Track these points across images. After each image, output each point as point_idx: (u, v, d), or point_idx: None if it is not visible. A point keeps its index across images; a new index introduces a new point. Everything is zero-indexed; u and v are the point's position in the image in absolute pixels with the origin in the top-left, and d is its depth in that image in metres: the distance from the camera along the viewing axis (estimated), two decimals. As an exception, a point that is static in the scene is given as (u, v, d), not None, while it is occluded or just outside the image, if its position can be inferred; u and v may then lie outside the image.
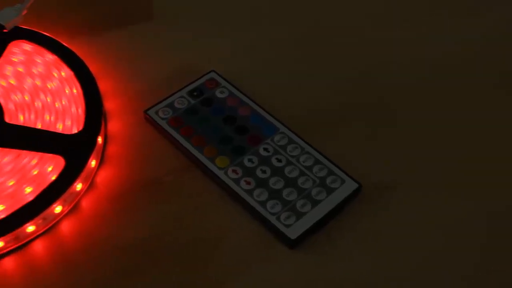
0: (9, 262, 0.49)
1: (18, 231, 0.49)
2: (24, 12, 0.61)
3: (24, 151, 0.53)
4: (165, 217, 0.52)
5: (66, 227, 0.51)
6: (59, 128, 0.55)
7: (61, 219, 0.51)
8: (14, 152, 0.53)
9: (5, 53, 0.59)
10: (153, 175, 0.54)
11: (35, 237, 0.50)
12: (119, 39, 0.64)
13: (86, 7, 0.67)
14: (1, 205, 0.50)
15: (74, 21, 0.65)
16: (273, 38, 0.65)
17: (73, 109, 0.56)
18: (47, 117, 0.55)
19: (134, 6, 0.67)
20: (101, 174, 0.54)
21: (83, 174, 0.52)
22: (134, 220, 0.51)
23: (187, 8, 0.67)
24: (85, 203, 0.52)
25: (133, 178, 0.54)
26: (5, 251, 0.49)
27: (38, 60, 0.60)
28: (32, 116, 0.55)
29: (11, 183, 0.51)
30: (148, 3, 0.67)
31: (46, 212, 0.50)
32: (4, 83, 0.58)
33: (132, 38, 0.64)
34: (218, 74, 0.60)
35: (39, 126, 0.55)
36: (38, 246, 0.50)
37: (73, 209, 0.52)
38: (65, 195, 0.50)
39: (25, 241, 0.50)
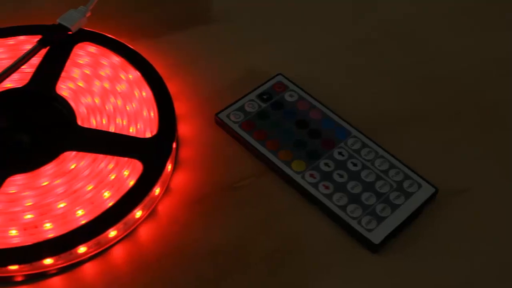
0: (90, 268, 0.49)
1: (101, 236, 0.48)
2: (88, 14, 0.60)
3: (100, 155, 0.52)
4: (244, 222, 0.51)
5: (144, 232, 0.51)
6: (132, 131, 0.54)
7: (139, 224, 0.51)
8: (90, 156, 0.52)
9: (71, 55, 0.59)
10: (229, 179, 0.54)
11: (115, 242, 0.50)
12: (181, 41, 0.63)
13: (146, 9, 0.66)
14: (81, 210, 0.50)
15: (135, 23, 0.65)
16: (338, 40, 0.64)
17: (145, 112, 0.55)
18: (118, 120, 0.55)
19: (195, 8, 0.67)
20: (176, 178, 0.53)
21: (161, 178, 0.51)
22: (213, 225, 0.51)
23: (248, 10, 0.67)
24: (162, 208, 0.52)
25: (208, 182, 0.53)
26: (86, 256, 0.49)
27: (104, 62, 0.59)
28: (105, 120, 0.55)
29: (89, 188, 0.51)
30: (208, 5, 0.67)
31: (128, 218, 0.49)
32: (72, 85, 0.57)
33: (194, 40, 0.63)
34: (285, 77, 0.59)
35: (112, 130, 0.54)
36: (118, 251, 0.50)
37: (150, 214, 0.51)
38: (145, 200, 0.50)
39: (106, 246, 0.49)
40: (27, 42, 0.60)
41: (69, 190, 0.50)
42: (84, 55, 0.59)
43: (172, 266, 0.49)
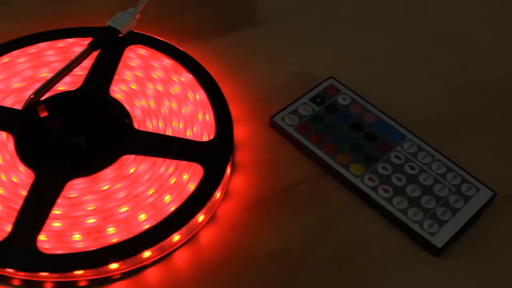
0: (153, 272, 0.48)
1: (166, 241, 0.48)
2: (137, 16, 0.60)
3: (159, 159, 0.52)
4: (304, 226, 0.51)
5: (206, 236, 0.50)
6: (189, 135, 0.54)
7: (201, 228, 0.51)
8: (149, 160, 0.52)
9: (122, 58, 0.58)
10: (286, 183, 0.53)
11: (178, 246, 0.49)
12: (228, 43, 0.63)
13: (192, 11, 0.66)
14: (144, 214, 0.49)
15: (181, 25, 0.64)
16: (388, 42, 0.64)
17: (200, 116, 0.55)
18: (174, 123, 0.55)
19: (241, 10, 0.67)
20: (233, 182, 0.53)
21: (222, 182, 0.51)
22: (273, 229, 0.51)
23: (294, 12, 0.67)
24: (221, 212, 0.52)
25: (266, 185, 0.53)
26: (150, 261, 0.48)
27: (155, 65, 0.59)
28: (161, 123, 0.54)
29: (150, 192, 0.50)
30: (254, 7, 0.67)
31: (191, 222, 0.49)
32: (125, 88, 0.57)
33: (241, 42, 0.63)
34: (336, 80, 0.59)
35: (169, 133, 0.54)
36: (181, 256, 0.49)
37: (211, 218, 0.51)
38: (208, 205, 0.50)
39: (169, 251, 0.49)
40: (76, 45, 0.59)
41: (130, 195, 0.50)
42: (134, 57, 0.59)
43: (234, 270, 0.49)
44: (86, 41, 0.59)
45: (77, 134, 0.54)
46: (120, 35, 0.59)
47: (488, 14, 0.69)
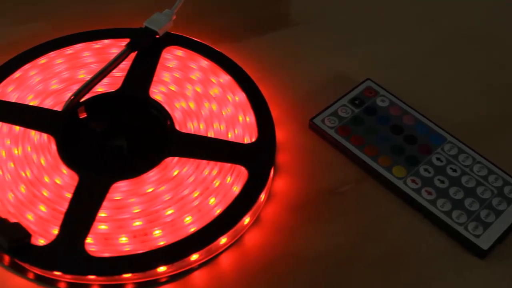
0: (200, 275, 0.48)
1: (213, 244, 0.48)
2: (174, 17, 0.60)
3: (203, 162, 0.52)
4: (348, 228, 0.51)
5: (250, 239, 0.50)
6: (231, 137, 0.54)
7: (246, 231, 0.50)
8: (192, 162, 0.52)
9: (160, 59, 0.58)
10: (328, 185, 0.53)
11: (224, 249, 0.49)
12: (264, 44, 0.63)
13: (228, 12, 0.66)
14: (189, 217, 0.49)
15: (216, 26, 0.64)
16: (423, 44, 0.64)
17: (240, 117, 0.55)
18: (216, 125, 0.54)
19: (276, 11, 0.66)
20: (276, 184, 0.53)
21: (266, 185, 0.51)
22: (317, 232, 0.51)
23: (329, 13, 0.66)
24: (265, 214, 0.51)
25: (308, 188, 0.53)
26: (196, 264, 0.48)
27: (193, 66, 0.58)
28: (202, 125, 0.54)
29: (195, 195, 0.50)
30: (288, 8, 0.66)
31: (238, 225, 0.49)
32: (164, 89, 0.56)
33: (277, 43, 0.63)
34: (374, 82, 0.59)
35: (211, 135, 0.54)
36: (227, 259, 0.49)
37: (255, 221, 0.51)
38: (254, 207, 0.50)
39: (215, 254, 0.49)
40: (113, 46, 0.59)
41: (175, 197, 0.50)
42: (171, 58, 0.59)
43: (280, 273, 0.48)
44: (122, 42, 0.59)
45: (119, 136, 0.54)
46: (157, 36, 0.58)
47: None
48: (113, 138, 0.54)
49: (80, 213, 0.48)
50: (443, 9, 0.68)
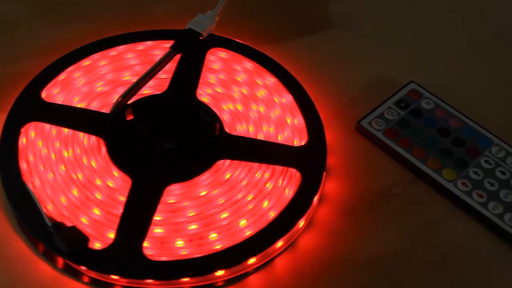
0: (256, 279, 0.48)
1: (270, 248, 0.48)
2: (217, 18, 0.59)
3: (254, 164, 0.51)
4: (400, 231, 0.51)
5: (304, 242, 0.50)
6: (281, 139, 0.53)
7: (300, 234, 0.50)
8: (244, 165, 0.51)
9: (205, 61, 0.58)
10: (379, 188, 0.53)
11: (279, 253, 0.49)
12: (305, 46, 0.62)
13: (268, 14, 0.65)
14: (244, 221, 0.49)
15: (258, 27, 0.64)
16: (466, 46, 0.64)
17: (289, 120, 0.55)
18: (265, 128, 0.54)
19: (317, 12, 0.66)
20: (327, 186, 0.53)
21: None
22: (370, 235, 0.51)
23: (367, 15, 0.66)
24: (318, 217, 0.51)
25: (358, 190, 0.53)
26: (252, 268, 0.48)
27: (238, 68, 0.58)
28: (251, 128, 0.54)
29: (249, 198, 0.50)
30: (330, 10, 0.66)
31: (293, 229, 0.49)
32: (210, 91, 0.56)
33: (320, 45, 0.63)
34: (417, 84, 0.59)
35: (260, 138, 0.53)
36: (282, 262, 0.49)
37: (309, 224, 0.51)
38: (309, 210, 0.50)
39: (270, 257, 0.49)
40: (156, 48, 0.59)
41: (229, 201, 0.50)
42: (215, 60, 0.58)
43: (335, 276, 0.48)
44: (165, 44, 0.58)
45: (168, 138, 0.54)
46: (201, 38, 0.58)
47: None
48: (162, 140, 0.54)
49: (136, 217, 0.48)
50: (487, 9, 0.68)
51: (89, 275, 0.47)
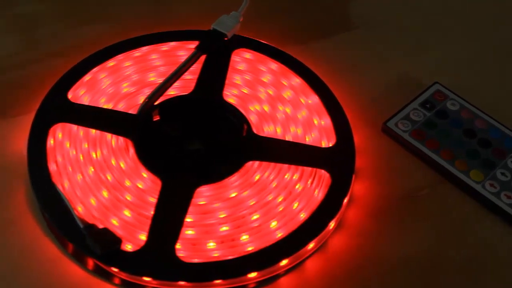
0: (288, 281, 0.48)
1: (302, 250, 0.48)
2: (241, 19, 0.59)
3: (284, 166, 0.51)
4: (429, 233, 0.51)
5: (334, 244, 0.50)
6: (309, 141, 0.53)
7: (330, 236, 0.50)
8: (273, 166, 0.51)
9: (230, 62, 0.58)
10: (407, 189, 0.53)
11: (309, 255, 0.49)
12: (330, 47, 0.62)
13: (291, 14, 0.65)
14: (275, 222, 0.49)
15: (281, 28, 0.63)
16: (488, 47, 0.64)
17: (315, 121, 0.55)
18: (293, 129, 0.54)
19: (340, 14, 0.66)
20: (355, 187, 0.53)
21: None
22: (399, 236, 0.51)
23: (394, 17, 0.66)
24: (348, 218, 0.51)
25: (386, 192, 0.53)
26: (283, 270, 0.48)
27: (263, 69, 0.58)
28: (279, 129, 0.54)
29: (279, 199, 0.50)
30: (352, 11, 0.66)
31: (325, 230, 0.49)
32: (236, 92, 0.56)
33: (343, 46, 0.63)
34: (442, 86, 0.59)
35: (288, 139, 0.53)
36: (313, 264, 0.49)
37: (338, 225, 0.51)
38: (339, 212, 0.49)
39: (301, 259, 0.49)
40: (180, 48, 0.58)
41: (260, 202, 0.49)
42: (240, 61, 0.58)
43: (367, 278, 0.48)
44: (189, 44, 0.58)
45: (195, 139, 0.54)
46: (226, 39, 0.58)
47: None
48: (190, 141, 0.53)
49: (168, 218, 0.47)
50: (510, 9, 0.68)
51: (120, 277, 0.47)
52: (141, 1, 0.65)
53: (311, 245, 0.48)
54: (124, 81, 0.56)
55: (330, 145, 0.53)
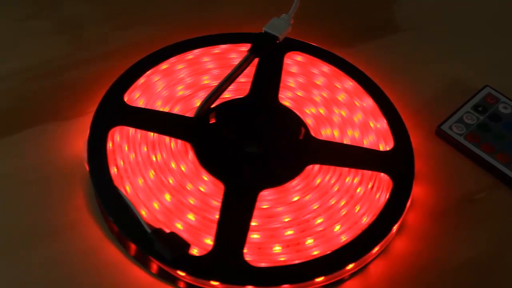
0: (352, 285, 0.48)
1: (367, 254, 0.48)
2: (292, 21, 0.59)
3: (344, 169, 0.51)
4: (489, 236, 0.51)
5: (396, 247, 0.50)
6: (367, 144, 0.53)
7: (392, 239, 0.50)
8: (333, 170, 0.51)
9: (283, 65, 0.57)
10: (464, 192, 0.53)
11: (372, 258, 0.49)
12: (379, 50, 0.62)
13: (338, 17, 0.65)
14: (338, 226, 0.49)
15: (328, 31, 0.63)
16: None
17: (372, 123, 0.54)
18: (349, 132, 0.54)
19: (386, 16, 0.66)
20: (414, 191, 0.53)
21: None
22: (461, 239, 0.51)
23: (440, 19, 0.66)
24: (408, 222, 0.51)
25: (445, 195, 0.53)
26: (348, 274, 0.48)
27: (315, 71, 0.58)
28: (336, 132, 0.54)
29: (342, 203, 0.50)
30: (399, 14, 0.66)
31: (388, 234, 0.49)
32: (290, 95, 0.56)
33: (391, 49, 0.63)
34: (493, 89, 0.59)
35: (346, 142, 0.53)
36: (376, 268, 0.49)
37: (400, 228, 0.51)
38: (402, 215, 0.49)
39: (366, 263, 0.49)
40: (232, 51, 0.58)
41: (323, 206, 0.49)
42: (292, 64, 0.58)
43: (430, 281, 0.49)
44: (241, 47, 0.58)
45: (255, 143, 0.53)
46: (278, 42, 0.58)
47: None
48: (249, 145, 0.53)
49: (234, 222, 0.47)
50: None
51: (185, 281, 0.47)
52: (188, 3, 0.65)
53: (375, 249, 0.48)
54: (178, 84, 0.56)
55: (388, 149, 0.53)
